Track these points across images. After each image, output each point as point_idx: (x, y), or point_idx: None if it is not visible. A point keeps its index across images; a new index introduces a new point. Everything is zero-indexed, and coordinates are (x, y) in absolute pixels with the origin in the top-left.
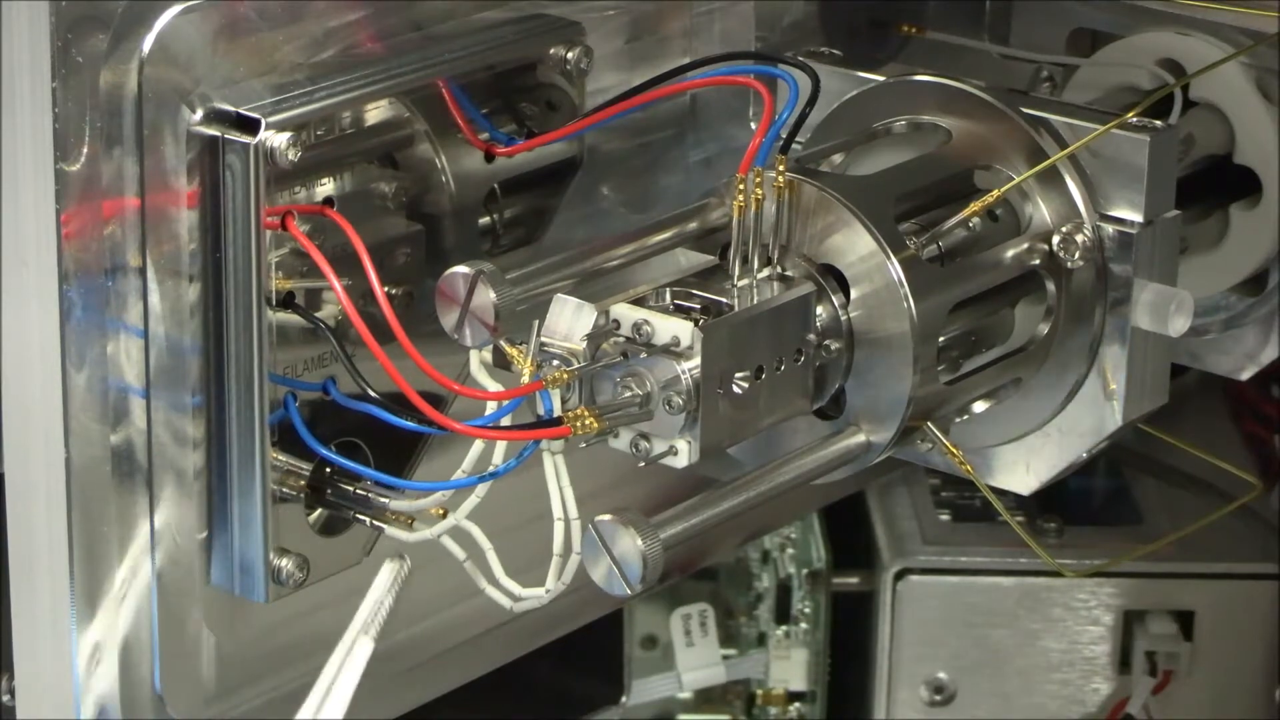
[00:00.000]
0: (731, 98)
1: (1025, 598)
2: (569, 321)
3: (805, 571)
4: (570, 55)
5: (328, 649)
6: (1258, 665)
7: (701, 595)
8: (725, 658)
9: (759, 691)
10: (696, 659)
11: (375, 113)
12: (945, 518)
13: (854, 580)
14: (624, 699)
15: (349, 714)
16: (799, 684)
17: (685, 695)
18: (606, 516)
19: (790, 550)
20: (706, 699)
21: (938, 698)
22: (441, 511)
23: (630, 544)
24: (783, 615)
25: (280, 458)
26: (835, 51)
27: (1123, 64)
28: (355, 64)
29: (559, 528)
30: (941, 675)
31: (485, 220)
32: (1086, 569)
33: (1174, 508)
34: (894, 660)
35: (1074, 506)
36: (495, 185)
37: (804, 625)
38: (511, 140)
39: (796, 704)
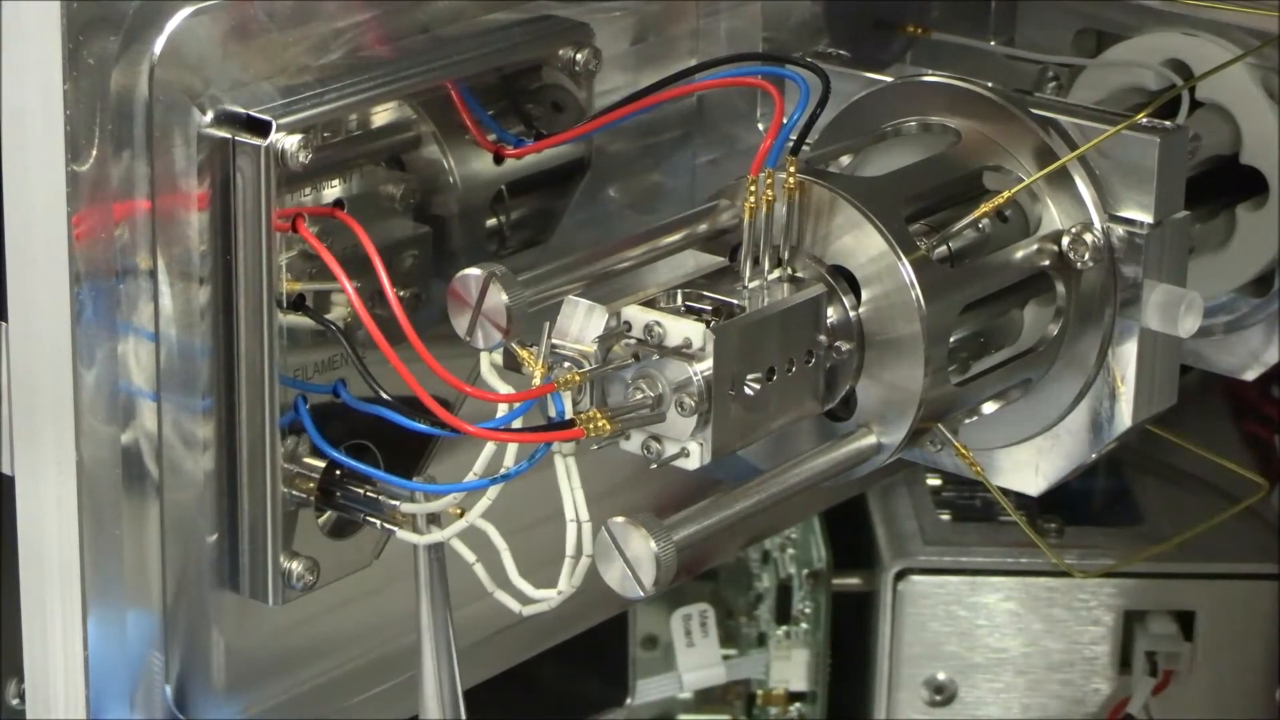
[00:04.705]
0: (738, 99)
1: (1025, 598)
2: (580, 323)
3: (806, 572)
4: (578, 57)
5: (338, 651)
6: (1258, 665)
7: (702, 595)
8: (726, 658)
9: (759, 691)
10: (697, 659)
11: (383, 114)
12: (945, 518)
13: (854, 580)
14: (629, 700)
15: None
16: (799, 684)
17: (686, 695)
18: (620, 519)
19: (791, 550)
20: (707, 699)
21: (938, 698)
22: (458, 511)
23: (643, 546)
24: (783, 615)
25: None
26: (842, 52)
27: (1129, 64)
28: (364, 66)
29: (571, 529)
30: (941, 675)
31: (492, 222)
32: (1095, 569)
33: (1175, 507)
34: (894, 660)
35: (1074, 506)
36: (502, 187)
37: (804, 625)
38: (520, 142)
39: (797, 704)
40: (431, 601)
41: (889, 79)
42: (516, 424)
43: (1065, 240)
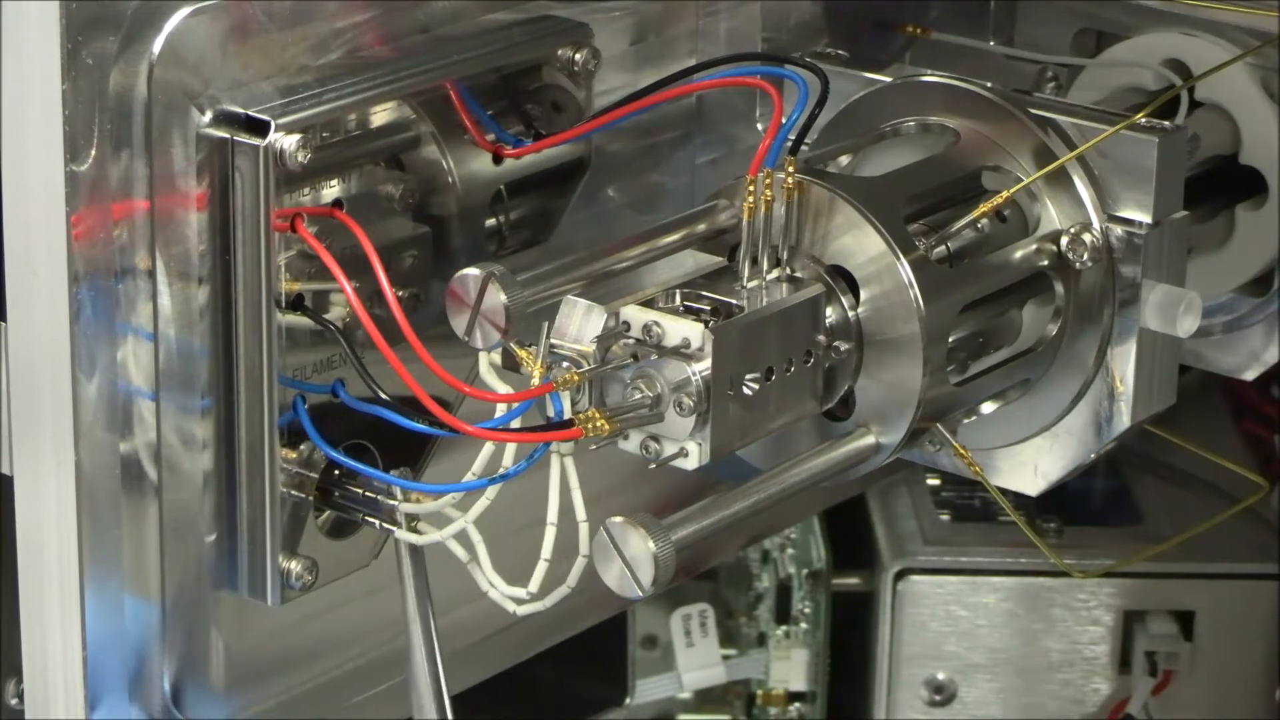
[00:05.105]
0: (738, 99)
1: (1025, 598)
2: (579, 323)
3: (805, 572)
4: (578, 56)
5: (337, 651)
6: (1258, 665)
7: (702, 595)
8: (725, 658)
9: (759, 691)
10: (697, 659)
11: (382, 114)
12: (945, 518)
13: (854, 580)
14: (629, 700)
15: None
16: (799, 684)
17: (685, 695)
18: (618, 519)
19: (790, 550)
20: (707, 699)
21: (938, 698)
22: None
23: (642, 546)
24: (783, 615)
25: (290, 455)
26: (841, 52)
27: (1128, 64)
28: (363, 66)
29: (550, 532)
30: (941, 675)
31: (491, 222)
32: (1096, 569)
33: (1174, 507)
34: (894, 660)
35: (1074, 506)
36: (501, 187)
37: (804, 625)
38: (519, 142)
39: (796, 704)
40: (416, 599)
41: (888, 79)
42: (515, 424)
43: (1064, 240)
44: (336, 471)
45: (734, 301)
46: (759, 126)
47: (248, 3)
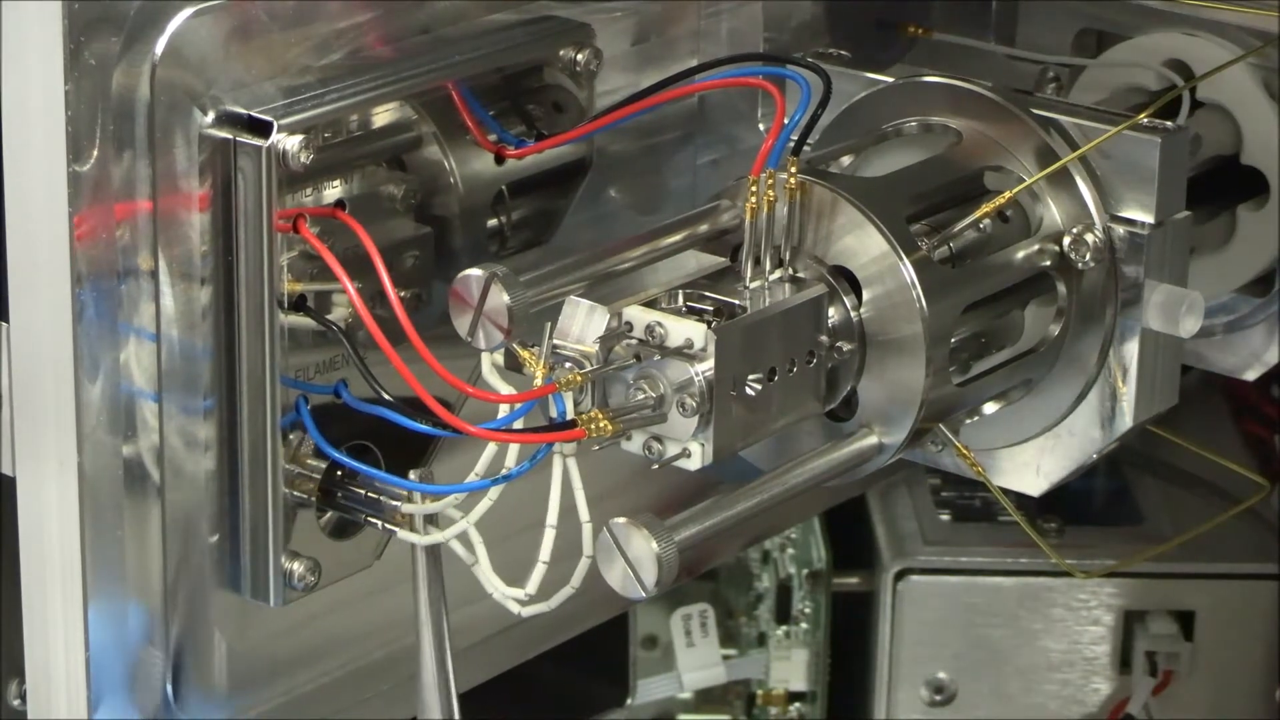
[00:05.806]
0: (739, 99)
1: (1025, 598)
2: (581, 324)
3: (805, 572)
4: (580, 57)
5: (339, 652)
6: (1258, 665)
7: (702, 595)
8: (725, 658)
9: (759, 691)
10: (697, 659)
11: (385, 115)
12: (945, 518)
13: (854, 580)
14: (629, 700)
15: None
16: (799, 684)
17: (686, 695)
18: (621, 519)
19: (790, 550)
20: (707, 699)
21: (938, 698)
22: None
23: (645, 546)
24: (783, 615)
25: (293, 455)
26: (843, 53)
27: (1129, 64)
28: (365, 66)
29: (549, 535)
30: (941, 675)
31: (493, 222)
32: (1097, 569)
33: (1174, 508)
34: (894, 660)
35: (1074, 506)
36: (504, 187)
37: (804, 625)
38: (521, 142)
39: (797, 704)
40: (429, 600)
41: (890, 79)
42: (518, 424)
43: (1066, 240)
44: (339, 472)
45: (736, 302)
46: (761, 127)
47: (250, 3)
